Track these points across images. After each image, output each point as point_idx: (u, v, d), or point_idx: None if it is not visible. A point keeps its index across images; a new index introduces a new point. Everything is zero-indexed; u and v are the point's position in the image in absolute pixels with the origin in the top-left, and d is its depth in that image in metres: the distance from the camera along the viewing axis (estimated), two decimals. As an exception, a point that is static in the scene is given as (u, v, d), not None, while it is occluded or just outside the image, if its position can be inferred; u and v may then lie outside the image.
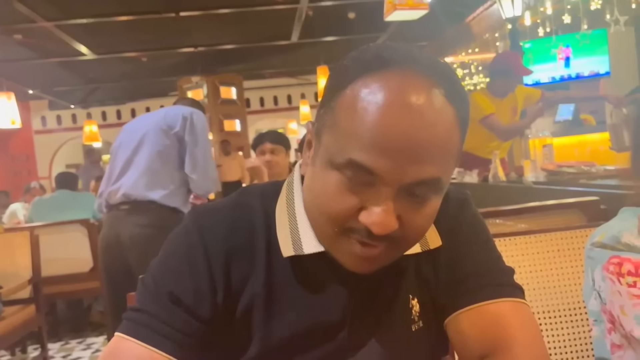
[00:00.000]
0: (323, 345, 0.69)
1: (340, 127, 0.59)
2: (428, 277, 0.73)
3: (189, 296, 0.66)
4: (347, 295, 0.69)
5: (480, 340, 0.68)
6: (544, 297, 1.20)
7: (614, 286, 0.79)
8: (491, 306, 0.69)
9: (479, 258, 0.73)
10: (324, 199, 0.61)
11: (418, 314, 0.72)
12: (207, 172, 2.49)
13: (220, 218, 0.71)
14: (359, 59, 0.61)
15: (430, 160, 0.57)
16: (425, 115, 0.56)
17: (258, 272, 0.69)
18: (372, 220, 0.58)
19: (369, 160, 0.56)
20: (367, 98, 0.57)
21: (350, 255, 0.62)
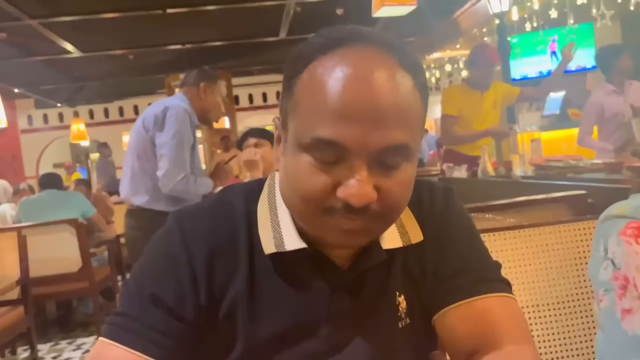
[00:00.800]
0: (308, 343, 0.69)
1: (302, 109, 0.60)
2: (415, 274, 0.73)
3: (171, 298, 0.66)
4: (329, 292, 0.69)
5: (469, 336, 0.68)
6: (533, 291, 1.21)
7: (630, 248, 0.81)
8: (479, 302, 0.69)
9: (466, 254, 0.73)
10: (298, 183, 0.61)
11: (405, 311, 0.72)
12: (173, 171, 2.33)
13: (202, 218, 0.70)
14: (311, 43, 0.62)
15: (395, 125, 0.58)
16: (382, 81, 0.57)
17: (241, 272, 0.68)
18: (349, 193, 0.58)
19: (333, 134, 0.57)
20: (323, 76, 0.58)
21: (336, 231, 0.61)
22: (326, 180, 0.59)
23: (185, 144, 2.36)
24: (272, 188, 0.72)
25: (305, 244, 0.67)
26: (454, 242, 0.74)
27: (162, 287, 0.66)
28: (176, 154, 2.33)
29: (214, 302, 0.68)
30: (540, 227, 1.25)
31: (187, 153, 2.37)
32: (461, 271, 0.71)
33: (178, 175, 2.33)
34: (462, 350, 0.69)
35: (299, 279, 0.69)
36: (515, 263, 1.22)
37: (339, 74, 0.57)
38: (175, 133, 2.34)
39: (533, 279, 1.22)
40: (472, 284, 0.70)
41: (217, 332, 0.68)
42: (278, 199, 0.70)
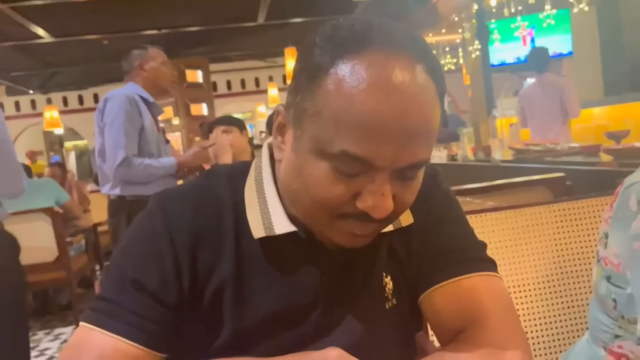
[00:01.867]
0: (296, 327, 0.68)
1: (327, 115, 0.56)
2: (401, 254, 0.73)
3: (154, 282, 0.65)
4: (319, 275, 0.69)
5: (455, 315, 0.68)
6: (514, 272, 1.22)
7: None
8: (465, 281, 0.69)
9: (452, 234, 0.73)
10: (315, 189, 0.59)
11: (392, 292, 0.72)
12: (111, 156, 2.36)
13: (185, 201, 0.69)
14: (333, 38, 0.57)
15: (423, 143, 0.57)
16: (414, 97, 0.55)
17: (227, 256, 0.67)
18: (370, 206, 0.57)
19: (363, 151, 0.55)
20: (352, 83, 0.54)
21: (346, 235, 0.61)
22: (345, 190, 0.58)
23: (127, 129, 2.38)
24: (258, 171, 0.70)
25: (294, 227, 0.66)
26: (440, 222, 0.73)
27: (144, 271, 0.65)
28: (114, 140, 2.37)
29: (199, 287, 0.67)
30: (519, 208, 1.26)
31: (128, 137, 2.38)
32: (447, 251, 0.71)
33: (117, 159, 2.36)
34: (449, 329, 0.69)
35: (288, 262, 0.68)
36: (496, 245, 1.23)
37: (369, 84, 0.54)
38: (112, 121, 2.38)
39: (513, 261, 1.22)
40: (457, 264, 0.70)
41: (202, 318, 0.67)
42: (266, 183, 0.69)
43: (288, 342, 0.67)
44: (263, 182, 0.69)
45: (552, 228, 1.25)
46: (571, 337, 1.20)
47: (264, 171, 0.70)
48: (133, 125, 2.40)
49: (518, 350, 0.64)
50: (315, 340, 0.68)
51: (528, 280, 1.22)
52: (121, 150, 2.35)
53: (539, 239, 1.24)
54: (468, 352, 0.63)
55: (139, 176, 2.40)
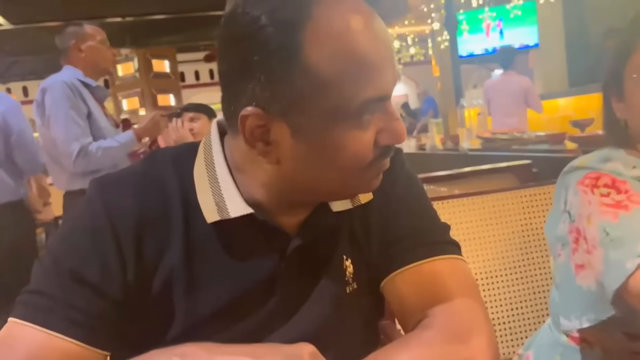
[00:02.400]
0: (254, 313, 0.64)
1: (330, 82, 0.54)
2: (361, 236, 0.70)
3: (94, 273, 0.60)
4: (277, 258, 0.65)
5: (419, 299, 0.66)
6: (480, 258, 1.21)
7: (585, 197, 0.81)
8: (428, 265, 0.67)
9: (414, 216, 0.71)
10: (349, 154, 0.58)
11: (352, 276, 0.69)
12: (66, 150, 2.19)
13: (127, 185, 0.64)
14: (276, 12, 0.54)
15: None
16: (380, 21, 0.59)
17: (175, 243, 0.62)
18: (396, 135, 0.59)
19: (377, 89, 0.57)
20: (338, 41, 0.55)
21: (377, 177, 0.63)
22: (371, 136, 0.58)
23: (73, 117, 2.21)
24: (208, 151, 0.66)
25: (251, 209, 0.62)
26: (401, 203, 0.71)
27: (83, 262, 0.60)
28: (63, 133, 2.20)
29: (145, 277, 0.62)
30: (487, 194, 1.26)
31: (78, 125, 2.22)
32: (409, 234, 0.69)
33: (72, 152, 2.20)
34: (412, 314, 0.67)
35: (244, 247, 0.64)
36: (463, 231, 1.22)
37: (356, 32, 0.55)
38: (56, 112, 2.21)
39: (480, 247, 1.22)
40: (420, 247, 0.68)
41: (150, 310, 0.63)
42: (217, 163, 0.64)
43: (245, 330, 0.63)
44: (214, 163, 0.64)
45: (518, 214, 1.25)
46: (536, 323, 1.21)
47: (214, 152, 0.65)
48: (79, 112, 2.22)
49: (483, 335, 0.62)
50: (273, 326, 0.65)
51: (494, 267, 1.21)
52: (74, 142, 2.19)
53: (505, 225, 1.24)
54: (433, 337, 0.61)
55: (102, 163, 2.24)
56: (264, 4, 0.55)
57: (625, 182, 0.79)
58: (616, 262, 0.71)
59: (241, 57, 0.56)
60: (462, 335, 0.61)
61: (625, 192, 0.78)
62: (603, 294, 0.76)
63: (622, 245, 0.71)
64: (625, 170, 0.81)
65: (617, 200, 0.76)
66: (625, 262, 0.70)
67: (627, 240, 0.71)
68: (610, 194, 0.78)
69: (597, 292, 0.80)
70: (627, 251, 0.70)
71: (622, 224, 0.73)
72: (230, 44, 0.58)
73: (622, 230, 0.73)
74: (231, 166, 0.64)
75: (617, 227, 0.73)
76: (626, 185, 0.79)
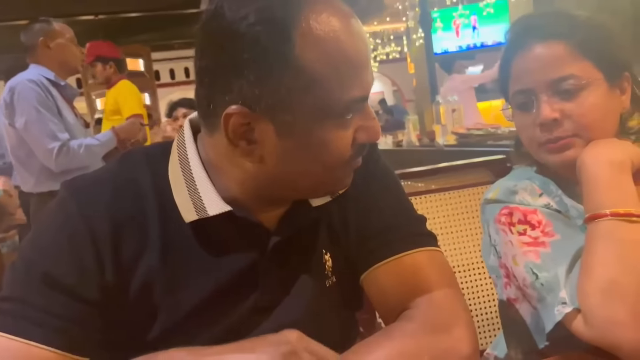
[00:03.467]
0: (236, 309, 0.65)
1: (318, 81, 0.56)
2: (339, 230, 0.71)
3: (71, 276, 0.59)
4: (257, 254, 0.66)
5: (399, 293, 0.67)
6: (457, 252, 1.23)
7: (506, 237, 0.81)
8: (407, 258, 0.68)
9: (391, 209, 0.72)
10: (332, 150, 0.60)
11: (331, 269, 0.70)
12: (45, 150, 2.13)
13: (101, 186, 0.63)
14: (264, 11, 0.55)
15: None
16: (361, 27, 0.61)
17: (153, 242, 0.62)
18: (372, 133, 0.62)
19: (360, 89, 0.59)
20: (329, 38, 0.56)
21: (347, 176, 0.65)
22: (351, 135, 0.60)
23: (45, 115, 2.15)
24: (182, 150, 0.65)
25: (229, 207, 0.62)
26: (378, 197, 0.72)
27: (58, 264, 0.59)
28: (39, 132, 2.14)
29: (124, 278, 0.61)
30: (462, 189, 1.28)
31: (53, 123, 2.17)
32: (386, 227, 0.70)
33: (53, 151, 2.14)
34: (393, 307, 0.68)
35: (223, 244, 0.65)
36: (440, 225, 1.24)
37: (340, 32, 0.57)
38: (29, 112, 2.14)
39: (457, 240, 1.24)
40: (398, 240, 0.69)
41: (130, 311, 0.62)
42: (192, 161, 0.64)
43: (227, 327, 0.64)
44: (189, 161, 0.64)
45: (493, 208, 1.26)
46: (513, 314, 1.22)
47: (188, 150, 0.65)
48: (51, 111, 2.17)
49: (463, 325, 0.64)
50: (255, 321, 0.65)
51: (470, 260, 1.23)
52: (53, 140, 2.14)
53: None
54: (414, 328, 0.63)
55: (84, 161, 2.20)
56: (251, 3, 0.55)
57: (535, 211, 0.80)
58: (551, 306, 0.73)
59: (226, 55, 0.56)
60: (443, 326, 0.63)
61: (538, 225, 0.79)
62: (538, 326, 0.77)
63: (552, 290, 0.73)
64: (532, 200, 0.82)
65: (534, 238, 0.78)
66: (554, 308, 0.72)
67: (554, 285, 0.73)
68: (527, 231, 0.79)
69: (531, 324, 0.83)
70: (556, 296, 0.72)
71: (545, 264, 0.75)
72: (214, 41, 0.57)
73: (547, 270, 0.74)
74: (206, 164, 0.64)
75: (542, 267, 0.75)
76: (537, 215, 0.79)
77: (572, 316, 0.70)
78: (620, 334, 0.65)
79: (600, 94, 0.79)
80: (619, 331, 0.65)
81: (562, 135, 0.78)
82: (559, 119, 0.77)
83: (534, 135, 0.81)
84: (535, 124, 0.80)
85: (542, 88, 0.79)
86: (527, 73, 0.81)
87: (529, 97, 0.80)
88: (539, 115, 0.78)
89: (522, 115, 0.82)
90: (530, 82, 0.80)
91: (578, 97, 0.77)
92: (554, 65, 0.78)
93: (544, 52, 0.79)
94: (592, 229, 0.71)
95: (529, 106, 0.81)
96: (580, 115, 0.77)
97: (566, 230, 0.78)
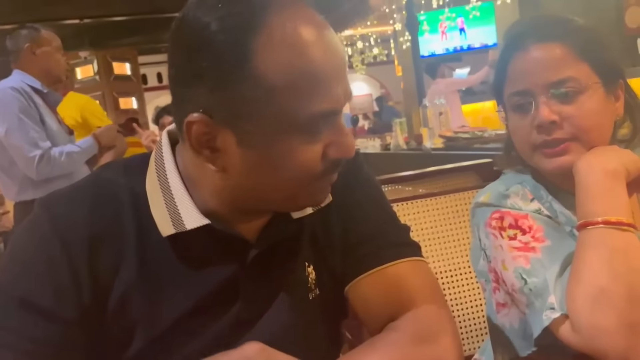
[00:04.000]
0: (216, 323, 0.64)
1: (281, 90, 0.54)
2: (322, 243, 0.71)
3: (47, 297, 0.57)
4: (238, 267, 0.65)
5: (384, 303, 0.67)
6: (445, 257, 1.23)
7: (496, 241, 0.81)
8: (391, 268, 0.68)
9: (374, 219, 0.72)
10: (297, 165, 0.57)
11: (314, 282, 0.70)
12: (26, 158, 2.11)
13: (77, 201, 0.62)
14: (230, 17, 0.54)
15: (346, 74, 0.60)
16: (333, 34, 0.59)
17: (131, 258, 0.61)
18: (344, 149, 0.59)
19: (328, 103, 0.56)
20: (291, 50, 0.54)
21: (325, 190, 0.63)
22: (319, 149, 0.58)
23: (27, 123, 2.13)
24: (160, 162, 0.64)
25: (207, 220, 0.61)
26: (361, 207, 0.72)
27: (33, 287, 0.58)
28: (19, 140, 2.12)
29: (101, 296, 0.60)
30: (450, 194, 1.28)
31: (35, 131, 2.14)
32: (370, 237, 0.70)
33: (34, 159, 2.12)
34: (378, 318, 0.68)
35: (202, 257, 0.64)
36: (428, 231, 1.24)
37: (309, 43, 0.55)
38: (10, 119, 2.11)
39: (445, 245, 1.24)
40: (382, 250, 0.69)
41: (108, 328, 0.61)
42: (170, 174, 0.63)
43: (207, 342, 0.63)
44: (166, 174, 0.63)
45: (480, 212, 1.27)
46: (500, 319, 1.23)
47: (166, 162, 0.64)
48: (33, 119, 2.15)
49: (448, 335, 0.64)
50: (236, 336, 0.64)
51: (458, 265, 1.23)
52: (34, 148, 2.12)
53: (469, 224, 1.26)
54: (400, 339, 0.63)
55: (65, 168, 2.18)
56: (215, 11, 0.54)
57: (526, 215, 0.80)
58: (539, 311, 0.73)
59: (190, 63, 0.55)
60: (428, 337, 0.63)
61: (529, 230, 0.78)
62: (526, 332, 0.78)
63: (541, 295, 0.73)
64: (524, 204, 0.82)
65: (525, 242, 0.77)
66: (542, 313, 0.72)
67: (543, 291, 0.73)
68: (517, 236, 0.78)
69: (519, 330, 0.83)
70: (544, 301, 0.72)
71: (535, 269, 0.75)
72: (179, 49, 0.57)
73: (537, 276, 0.74)
74: (184, 176, 0.63)
75: (531, 272, 0.75)
76: (528, 220, 0.79)
77: (560, 322, 0.70)
78: (608, 341, 0.65)
79: (598, 98, 0.79)
80: (606, 339, 0.65)
81: (560, 138, 0.77)
82: (558, 122, 0.77)
83: (530, 138, 0.80)
84: (532, 126, 0.79)
85: (540, 90, 0.78)
86: (525, 74, 0.80)
87: (527, 99, 0.80)
88: (537, 117, 0.78)
89: (518, 117, 0.82)
90: (529, 83, 0.79)
91: (576, 100, 0.77)
92: (553, 67, 0.78)
93: (543, 53, 0.79)
94: (584, 236, 0.71)
95: (526, 108, 0.80)
96: (579, 117, 0.77)
97: (556, 236, 0.78)
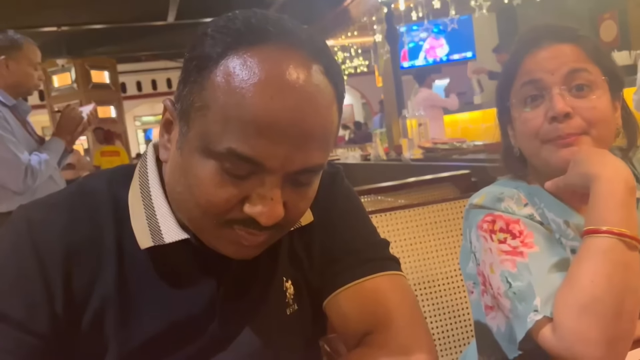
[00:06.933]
0: (193, 341, 0.63)
1: (214, 110, 0.51)
2: (301, 257, 0.70)
3: (19, 309, 0.56)
4: (215, 284, 0.64)
5: (361, 318, 0.67)
6: (424, 267, 1.24)
7: (486, 244, 0.81)
8: (369, 282, 0.68)
9: (353, 234, 0.71)
10: (200, 191, 0.54)
11: (292, 297, 0.69)
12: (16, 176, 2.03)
13: (56, 211, 0.61)
14: (227, 29, 0.53)
15: (317, 146, 0.54)
16: (309, 96, 0.52)
17: (107, 272, 0.60)
18: (259, 211, 0.53)
19: (251, 150, 0.51)
20: (243, 77, 0.50)
21: (233, 244, 0.57)
22: (233, 192, 0.53)
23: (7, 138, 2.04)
24: (143, 174, 0.64)
25: (186, 234, 0.60)
26: (341, 221, 0.71)
27: (5, 299, 0.56)
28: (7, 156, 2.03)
29: (75, 309, 0.59)
30: (428, 205, 1.29)
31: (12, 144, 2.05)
32: (349, 251, 0.69)
33: (19, 174, 2.04)
34: (355, 332, 0.67)
35: (181, 273, 0.63)
36: (407, 242, 1.24)
37: (261, 80, 0.50)
38: None
39: (424, 256, 1.24)
40: (360, 265, 0.69)
41: (82, 343, 0.60)
42: (153, 188, 0.62)
43: (183, 358, 0.62)
44: (149, 186, 0.62)
45: (459, 223, 1.28)
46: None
47: (149, 174, 0.63)
48: (7, 132, 2.05)
49: (424, 351, 0.64)
50: (213, 353, 0.63)
51: (436, 276, 1.24)
52: (18, 163, 2.04)
53: (447, 234, 1.27)
54: (375, 355, 0.62)
55: (44, 175, 2.12)
56: (220, 20, 0.55)
57: (518, 220, 0.80)
58: (522, 315, 0.73)
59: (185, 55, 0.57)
60: (404, 350, 0.63)
61: (519, 235, 0.79)
62: (512, 335, 0.78)
63: (525, 299, 0.73)
64: (517, 208, 0.82)
65: (514, 247, 0.78)
66: (526, 316, 0.72)
67: (527, 294, 0.73)
68: (507, 240, 0.79)
69: (505, 333, 0.83)
70: (528, 304, 0.72)
71: (521, 273, 0.75)
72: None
73: (522, 280, 0.74)
74: (167, 190, 0.63)
75: (517, 276, 0.75)
76: (519, 225, 0.80)
77: (541, 325, 0.70)
78: (587, 351, 0.65)
79: (607, 99, 0.80)
80: (587, 348, 0.65)
81: (571, 132, 0.78)
82: (571, 114, 0.78)
83: (540, 131, 0.80)
84: (545, 118, 0.79)
85: (555, 81, 0.79)
86: (540, 65, 0.80)
87: (539, 90, 0.80)
88: (552, 108, 0.78)
89: (528, 110, 0.82)
90: (543, 73, 0.80)
91: (589, 96, 0.79)
92: (569, 59, 0.79)
93: (559, 49, 0.80)
94: (589, 243, 0.70)
95: (537, 99, 0.80)
96: (591, 108, 0.78)
97: (546, 244, 0.78)
